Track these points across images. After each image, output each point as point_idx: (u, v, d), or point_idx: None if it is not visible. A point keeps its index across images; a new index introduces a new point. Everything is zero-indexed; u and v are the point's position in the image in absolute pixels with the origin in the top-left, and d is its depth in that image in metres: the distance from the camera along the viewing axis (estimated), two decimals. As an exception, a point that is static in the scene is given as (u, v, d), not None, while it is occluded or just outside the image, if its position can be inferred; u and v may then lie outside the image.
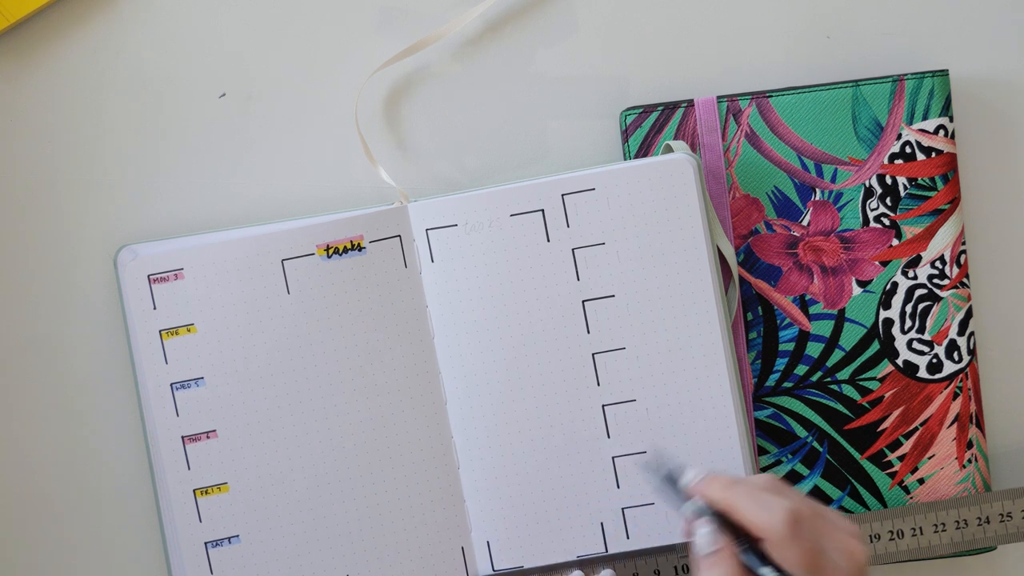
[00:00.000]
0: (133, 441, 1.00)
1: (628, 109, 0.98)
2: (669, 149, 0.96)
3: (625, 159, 0.98)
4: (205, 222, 1.00)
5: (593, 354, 0.95)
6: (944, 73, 0.97)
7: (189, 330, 0.96)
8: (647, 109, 0.97)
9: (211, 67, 1.00)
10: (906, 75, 0.97)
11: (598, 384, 0.95)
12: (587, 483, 0.95)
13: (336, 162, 1.00)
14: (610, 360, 0.95)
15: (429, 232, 0.95)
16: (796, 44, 1.00)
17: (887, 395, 0.97)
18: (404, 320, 0.96)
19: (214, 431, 0.96)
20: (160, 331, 0.96)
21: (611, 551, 0.96)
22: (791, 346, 0.97)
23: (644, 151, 0.97)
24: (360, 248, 0.96)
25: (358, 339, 0.96)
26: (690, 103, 0.97)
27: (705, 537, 0.83)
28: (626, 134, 0.98)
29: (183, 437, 0.96)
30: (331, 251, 0.96)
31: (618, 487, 0.96)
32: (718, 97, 0.97)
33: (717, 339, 0.95)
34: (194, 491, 0.96)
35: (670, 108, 0.97)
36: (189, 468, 0.96)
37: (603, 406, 0.95)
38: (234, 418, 0.96)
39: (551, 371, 0.95)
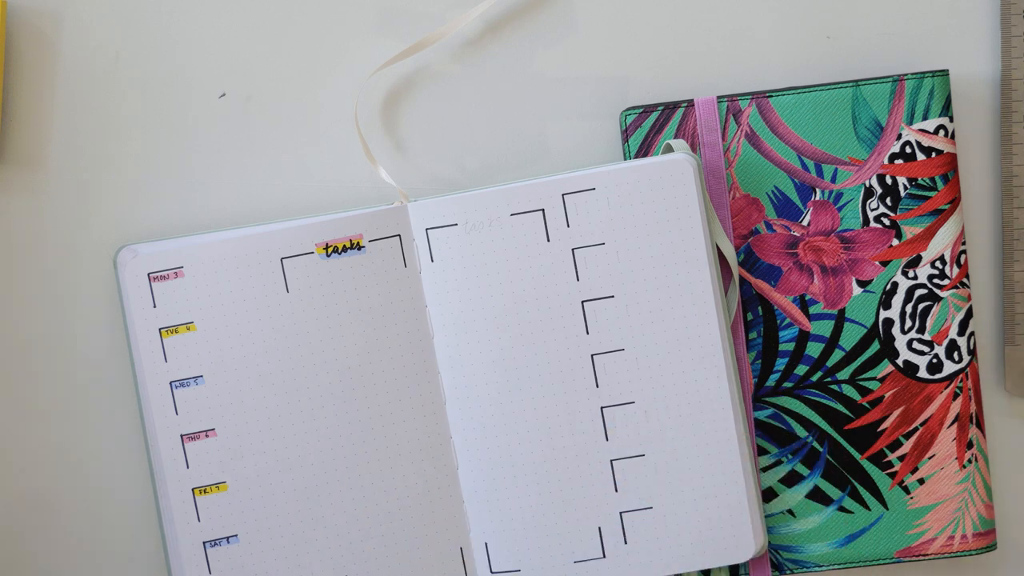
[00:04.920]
0: (133, 440, 1.00)
1: (628, 109, 0.98)
2: (669, 149, 0.96)
3: (625, 159, 0.98)
4: (205, 222, 1.00)
5: (592, 355, 0.95)
6: (944, 73, 0.97)
7: (189, 328, 0.96)
8: (647, 109, 0.97)
9: (211, 67, 1.00)
10: (906, 75, 0.96)
11: (597, 385, 0.95)
12: (585, 486, 0.95)
13: (336, 162, 1.00)
14: (609, 361, 0.95)
15: (429, 231, 0.95)
16: (796, 44, 1.00)
17: (887, 395, 0.97)
18: (403, 319, 0.96)
19: (213, 430, 0.96)
20: (160, 329, 0.96)
21: (608, 556, 0.96)
22: (791, 346, 0.97)
23: (644, 151, 0.97)
24: (359, 247, 0.96)
25: (357, 338, 0.96)
26: (690, 103, 0.97)
27: None
28: (626, 134, 0.98)
29: (182, 436, 0.96)
30: (330, 250, 0.96)
31: (616, 491, 0.95)
32: (718, 97, 0.97)
33: (717, 340, 0.94)
34: (193, 490, 0.96)
35: (670, 108, 0.97)
36: (188, 467, 0.96)
37: (601, 408, 0.95)
38: (233, 417, 0.96)
39: (550, 372, 0.95)
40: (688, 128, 0.97)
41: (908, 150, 0.97)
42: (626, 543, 0.95)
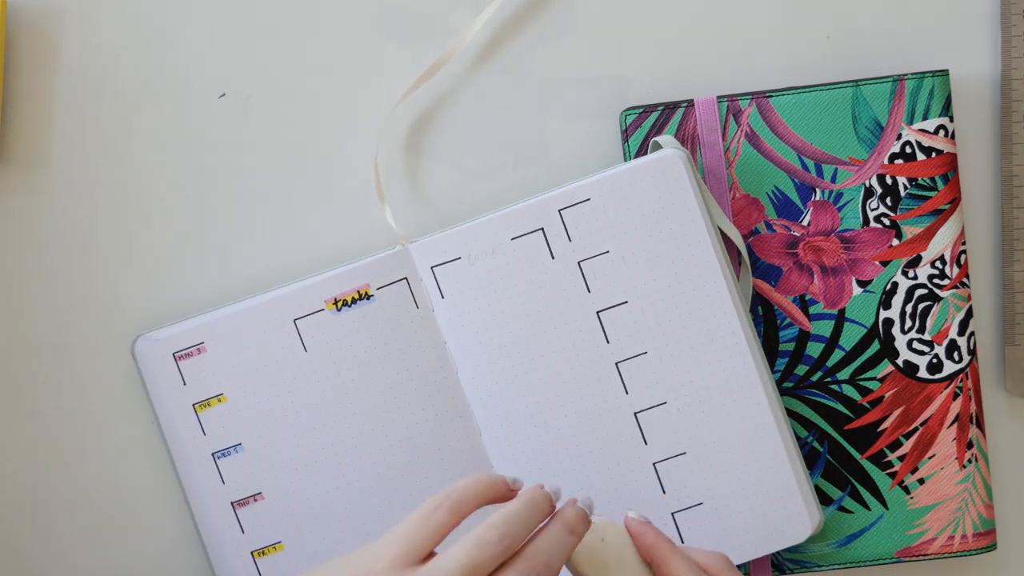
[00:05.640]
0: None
1: (628, 109, 0.98)
2: (657, 146, 0.96)
3: (625, 159, 0.98)
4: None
5: (616, 363, 0.95)
6: (944, 73, 0.97)
7: (220, 400, 0.96)
8: (647, 109, 0.97)
9: (211, 67, 1.00)
10: (906, 75, 0.96)
11: (626, 392, 0.95)
12: (633, 493, 0.95)
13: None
14: (634, 366, 0.95)
15: (435, 269, 0.95)
16: (796, 44, 1.00)
17: (887, 395, 0.98)
18: (425, 359, 0.96)
19: (260, 494, 0.96)
20: (193, 405, 0.96)
21: None
22: (791, 346, 0.98)
23: (644, 151, 0.97)
24: (368, 296, 0.96)
25: (382, 386, 0.96)
26: (690, 103, 0.97)
27: None
28: (626, 134, 0.98)
29: (232, 503, 0.96)
30: (340, 304, 0.96)
31: (664, 492, 0.96)
32: (718, 97, 0.97)
33: (736, 324, 0.94)
34: (252, 553, 0.97)
35: (670, 108, 0.97)
36: (243, 532, 0.96)
37: (635, 413, 0.95)
38: (276, 477, 0.96)
39: (579, 387, 0.95)
40: (688, 128, 0.97)
41: (908, 150, 0.97)
42: (683, 542, 0.95)
